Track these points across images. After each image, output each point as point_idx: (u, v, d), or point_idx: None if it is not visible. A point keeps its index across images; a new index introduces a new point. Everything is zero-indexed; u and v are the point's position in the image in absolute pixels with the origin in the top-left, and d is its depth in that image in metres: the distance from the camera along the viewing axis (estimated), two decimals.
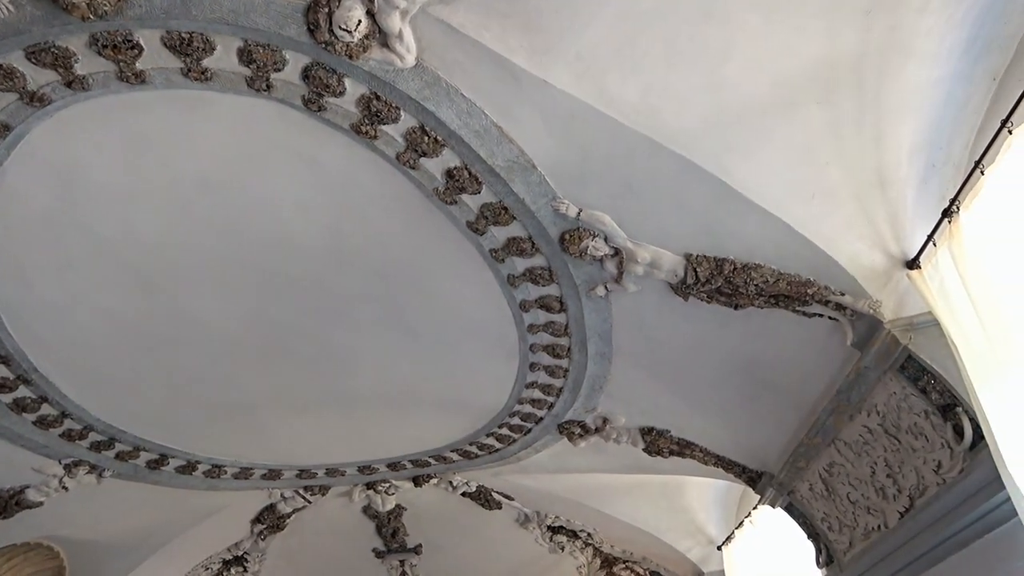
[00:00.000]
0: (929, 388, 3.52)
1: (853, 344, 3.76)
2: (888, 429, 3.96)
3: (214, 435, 5.93)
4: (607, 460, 6.35)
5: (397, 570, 8.87)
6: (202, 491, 6.70)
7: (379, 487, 7.38)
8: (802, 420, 4.60)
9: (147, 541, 7.37)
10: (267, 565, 8.51)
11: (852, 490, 4.57)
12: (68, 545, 7.16)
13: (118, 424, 5.44)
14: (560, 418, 5.76)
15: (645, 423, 5.64)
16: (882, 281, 3.50)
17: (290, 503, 7.43)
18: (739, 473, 5.66)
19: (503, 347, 4.95)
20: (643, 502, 7.60)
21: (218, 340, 4.77)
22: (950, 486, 3.62)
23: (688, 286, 3.83)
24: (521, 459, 6.64)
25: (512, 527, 8.29)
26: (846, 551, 4.91)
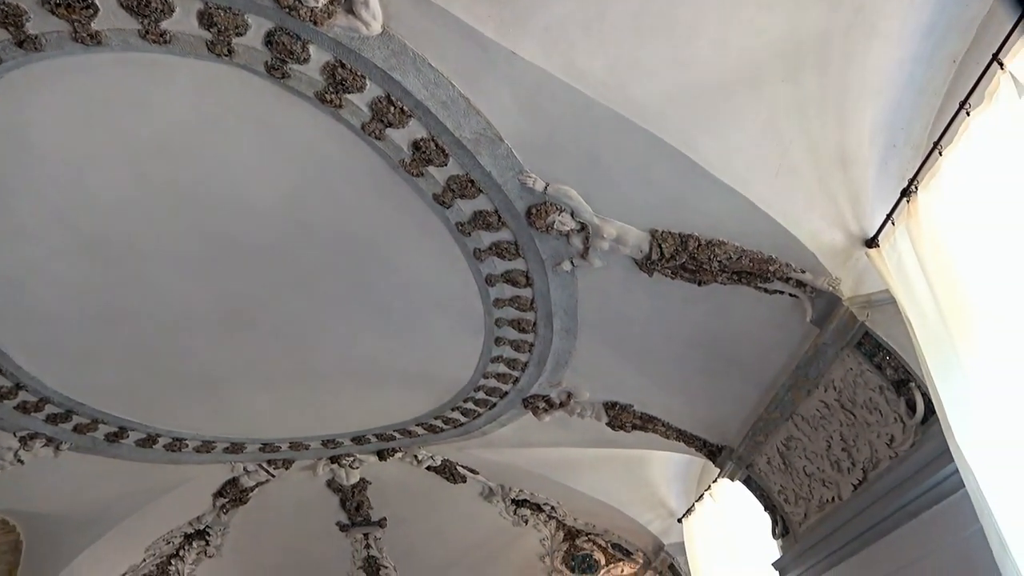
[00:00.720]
0: (884, 364, 3.61)
1: (812, 321, 3.83)
2: (844, 404, 4.06)
3: (175, 408, 5.84)
4: (571, 434, 6.42)
5: (361, 543, 8.89)
6: (163, 465, 6.62)
7: (343, 461, 7.37)
8: (762, 395, 4.69)
9: (107, 515, 7.28)
10: (230, 539, 8.47)
11: (808, 463, 4.69)
12: (25, 519, 7.05)
13: (75, 396, 5.34)
14: (525, 393, 5.79)
15: (609, 398, 5.70)
16: (842, 259, 3.57)
17: (253, 477, 7.39)
18: (700, 447, 5.76)
19: (469, 321, 4.94)
20: (606, 476, 7.71)
21: (177, 311, 4.68)
22: (902, 459, 3.73)
23: (653, 262, 3.86)
24: (486, 433, 6.67)
25: (476, 501, 8.35)
26: (801, 522, 5.04)
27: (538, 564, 9.42)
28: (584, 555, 9.38)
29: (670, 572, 8.52)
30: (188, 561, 8.68)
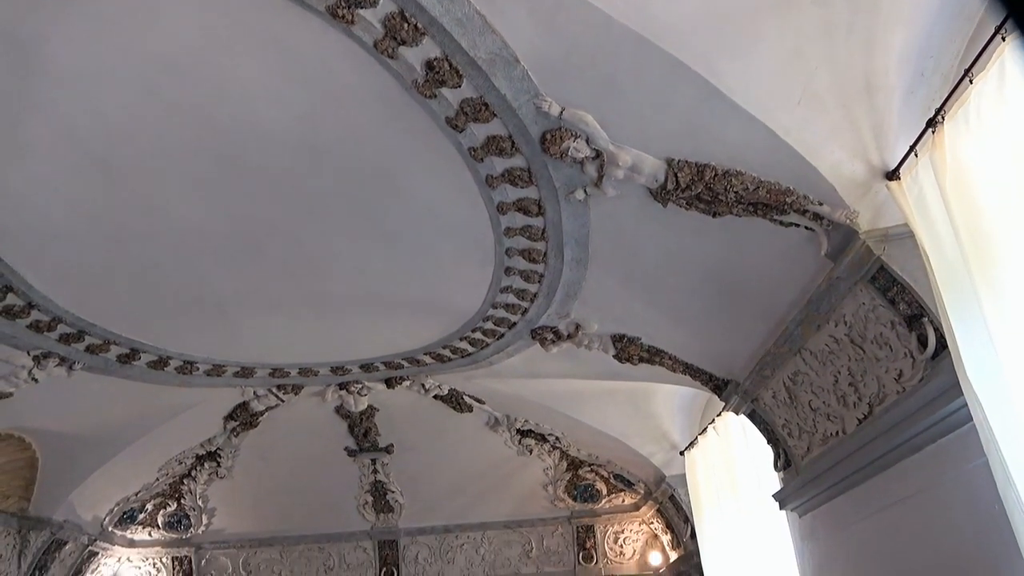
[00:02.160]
0: (897, 299, 3.59)
1: (827, 254, 3.79)
2: (854, 339, 4.05)
3: (185, 331, 5.90)
4: (578, 366, 6.47)
5: (369, 468, 9.10)
6: (174, 387, 6.72)
7: (352, 388, 7.47)
8: (771, 330, 4.69)
9: (119, 435, 7.44)
10: (240, 461, 8.69)
11: (814, 398, 4.72)
12: (40, 436, 7.20)
13: (87, 317, 5.38)
14: (533, 323, 5.81)
15: (617, 330, 5.72)
16: (861, 192, 3.50)
17: (263, 401, 7.51)
18: (706, 381, 5.80)
19: (479, 251, 4.92)
20: (611, 408, 7.81)
21: (187, 234, 4.66)
22: (909, 394, 3.74)
23: (668, 192, 3.80)
24: (493, 363, 6.73)
25: (482, 430, 8.50)
26: (804, 455, 5.11)
27: (541, 493, 9.66)
28: (586, 485, 9.60)
29: (670, 503, 8.71)
30: (200, 481, 8.93)
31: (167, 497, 9.12)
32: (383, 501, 9.51)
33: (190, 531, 9.55)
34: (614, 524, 9.97)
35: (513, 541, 9.95)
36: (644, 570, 9.86)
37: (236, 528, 9.70)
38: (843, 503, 4.70)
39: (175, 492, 9.08)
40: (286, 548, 9.88)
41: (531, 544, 9.95)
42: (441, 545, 9.95)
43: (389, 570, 9.85)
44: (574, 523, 9.91)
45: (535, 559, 9.93)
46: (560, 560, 9.94)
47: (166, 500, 9.15)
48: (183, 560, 9.75)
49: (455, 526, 9.90)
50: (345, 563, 9.92)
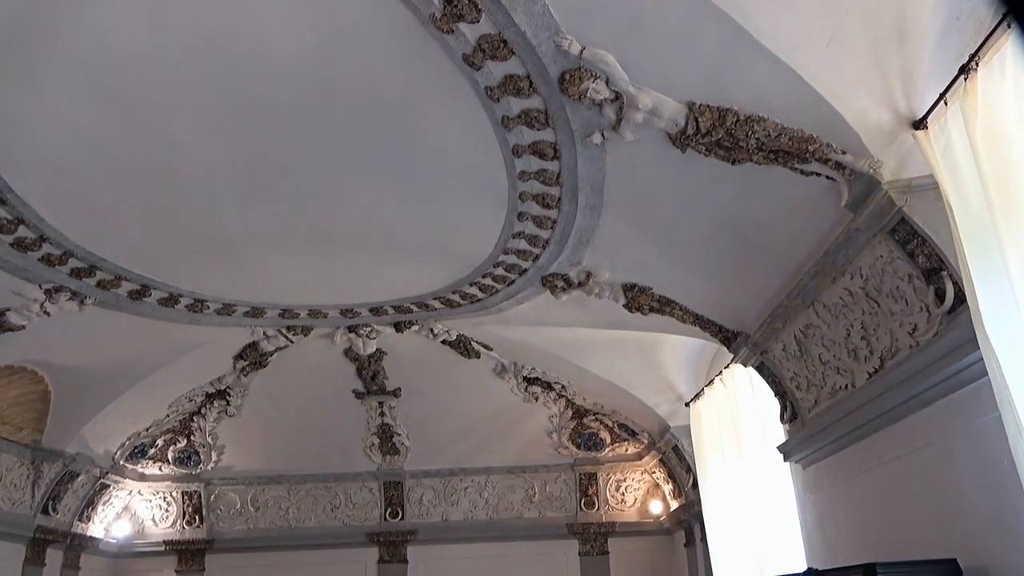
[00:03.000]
0: (917, 252, 3.54)
1: (847, 205, 3.73)
2: (869, 292, 4.02)
3: (196, 269, 5.89)
4: (587, 315, 6.46)
5: (376, 411, 9.19)
6: (185, 325, 6.75)
7: (360, 331, 7.49)
8: (785, 282, 4.65)
9: (130, 371, 7.52)
10: (249, 400, 8.78)
11: (825, 351, 4.70)
12: (52, 370, 7.28)
13: (98, 251, 5.37)
14: (544, 270, 5.78)
15: (628, 279, 5.69)
16: (886, 141, 3.42)
17: (272, 342, 7.55)
18: (715, 332, 5.79)
19: (492, 194, 4.86)
20: (618, 358, 7.82)
21: (199, 168, 4.61)
22: (922, 348, 3.72)
23: (688, 137, 3.72)
24: (502, 310, 6.72)
25: (489, 376, 8.54)
26: (811, 408, 5.12)
27: (545, 440, 9.76)
28: (590, 433, 9.69)
29: (673, 453, 8.80)
30: (209, 419, 9.05)
31: (177, 433, 9.26)
32: (389, 443, 9.64)
33: (199, 467, 9.73)
34: (616, 472, 10.10)
35: (516, 486, 10.11)
36: (644, 518, 10.03)
37: (244, 465, 9.87)
38: (848, 456, 4.72)
39: (185, 429, 9.22)
40: (293, 486, 10.06)
41: (534, 489, 10.11)
42: (445, 487, 10.11)
43: (394, 510, 10.04)
44: (577, 470, 10.04)
45: (537, 504, 10.10)
46: (562, 506, 10.11)
47: (176, 436, 9.29)
48: (193, 495, 9.96)
49: (460, 469, 10.04)
50: (351, 502, 10.11)
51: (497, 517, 10.09)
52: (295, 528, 10.09)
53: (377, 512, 10.10)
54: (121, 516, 9.83)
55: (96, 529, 9.31)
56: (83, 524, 9.03)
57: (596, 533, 9.99)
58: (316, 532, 10.06)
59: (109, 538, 9.61)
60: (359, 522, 10.08)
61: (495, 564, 9.84)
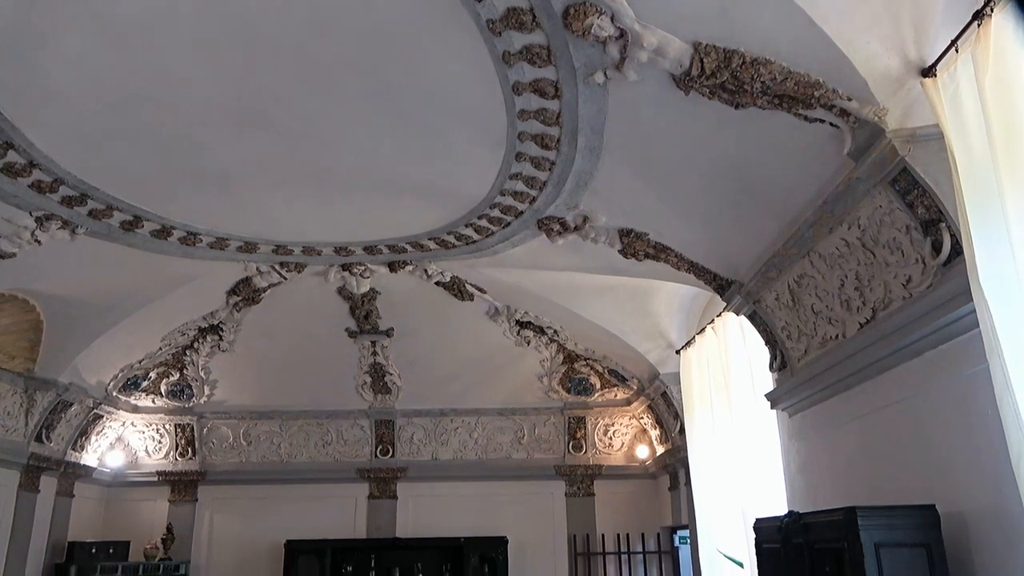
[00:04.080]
0: (916, 203, 3.52)
1: (849, 153, 3.69)
2: (866, 243, 4.01)
3: (189, 201, 5.82)
4: (582, 259, 6.45)
5: (368, 350, 9.24)
6: (177, 258, 6.70)
7: (354, 269, 7.47)
8: (782, 230, 4.63)
9: (123, 302, 7.51)
10: (242, 336, 8.81)
11: (817, 301, 4.72)
12: (44, 300, 7.27)
13: (89, 180, 5.29)
14: (541, 213, 5.75)
15: (625, 224, 5.66)
16: (893, 88, 3.36)
17: (266, 278, 7.53)
18: (710, 280, 5.79)
19: (490, 134, 4.78)
20: (611, 304, 7.85)
21: (193, 100, 4.51)
22: (915, 300, 3.74)
23: (692, 78, 3.65)
24: (497, 252, 6.70)
25: (482, 319, 8.57)
26: (800, 358, 5.16)
27: (536, 384, 9.86)
28: (581, 378, 9.79)
29: (662, 399, 8.91)
30: (202, 353, 9.09)
31: (170, 367, 9.30)
32: (381, 382, 9.72)
33: (192, 400, 9.82)
34: (605, 417, 10.25)
35: (506, 427, 10.25)
36: (631, 462, 10.22)
37: (237, 400, 9.96)
38: (835, 404, 4.79)
39: (178, 362, 9.26)
40: (285, 422, 10.18)
41: (523, 431, 10.26)
42: (436, 427, 10.25)
43: (385, 448, 10.20)
44: (566, 414, 10.18)
45: (526, 445, 10.27)
46: (551, 448, 10.28)
47: (169, 370, 9.34)
48: (185, 427, 10.07)
49: (450, 410, 10.16)
50: (342, 439, 10.25)
51: (486, 457, 10.27)
52: (287, 463, 10.25)
53: (368, 449, 10.25)
54: (115, 446, 9.95)
55: (90, 458, 9.43)
56: (76, 453, 9.14)
57: (583, 475, 10.20)
58: (307, 467, 10.23)
59: (103, 467, 9.75)
60: (350, 458, 10.24)
61: (483, 502, 10.05)
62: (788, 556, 4.22)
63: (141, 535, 9.64)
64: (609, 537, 9.92)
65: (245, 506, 10.12)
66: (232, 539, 9.97)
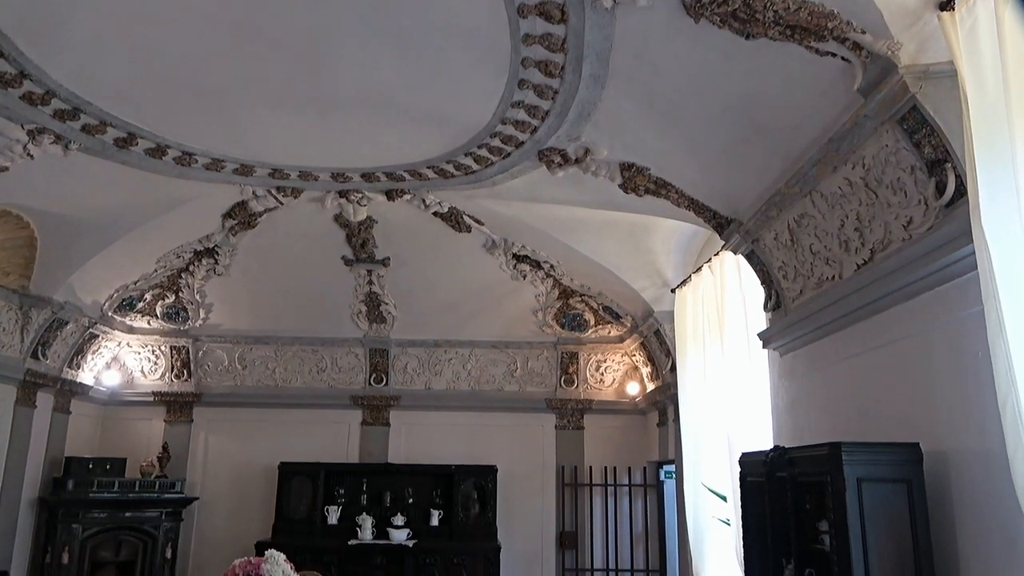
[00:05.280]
0: (924, 142, 3.47)
1: (859, 89, 3.61)
2: (869, 183, 3.97)
3: (184, 120, 5.72)
4: (581, 194, 6.40)
5: (364, 279, 9.24)
6: (172, 178, 6.62)
7: (351, 196, 7.40)
8: (785, 168, 4.58)
9: (117, 222, 7.45)
10: (238, 261, 8.78)
11: (816, 241, 4.70)
12: (38, 216, 7.22)
13: (82, 93, 5.17)
14: (542, 144, 5.67)
15: (626, 158, 5.60)
16: (908, 21, 3.27)
17: (262, 202, 7.45)
18: (709, 218, 5.76)
19: (493, 58, 4.67)
20: (609, 241, 7.83)
21: (190, 13, 4.38)
22: (915, 241, 3.72)
23: (703, 5, 3.54)
24: (496, 183, 6.63)
25: (479, 251, 8.55)
26: (795, 298, 5.18)
27: (530, 318, 9.91)
28: (575, 314, 9.84)
29: (655, 337, 8.97)
30: (197, 277, 9.08)
31: (165, 289, 9.30)
32: (376, 312, 9.76)
33: (188, 323, 9.86)
34: (597, 353, 10.34)
35: (499, 360, 10.35)
36: (621, 398, 10.37)
37: (232, 324, 10.01)
38: (826, 345, 4.82)
39: (173, 285, 9.26)
40: (280, 347, 10.25)
41: (516, 364, 10.36)
42: (430, 358, 10.34)
43: (379, 376, 10.30)
44: (559, 349, 10.27)
45: (518, 378, 10.38)
46: (543, 382, 10.40)
47: (164, 292, 9.35)
48: (181, 350, 10.14)
49: (444, 341, 10.23)
50: (337, 366, 10.35)
51: (479, 389, 10.40)
52: (281, 387, 10.37)
53: (362, 377, 10.36)
54: (111, 366, 10.03)
55: (86, 376, 9.52)
56: (73, 371, 9.22)
57: (573, 409, 10.35)
58: (302, 392, 10.35)
59: (99, 386, 9.85)
60: (344, 385, 10.36)
61: (474, 432, 10.23)
62: (771, 489, 4.31)
63: (137, 453, 9.81)
64: (597, 470, 10.13)
65: (240, 428, 10.28)
66: (227, 459, 10.17)
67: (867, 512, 3.46)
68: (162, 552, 9.28)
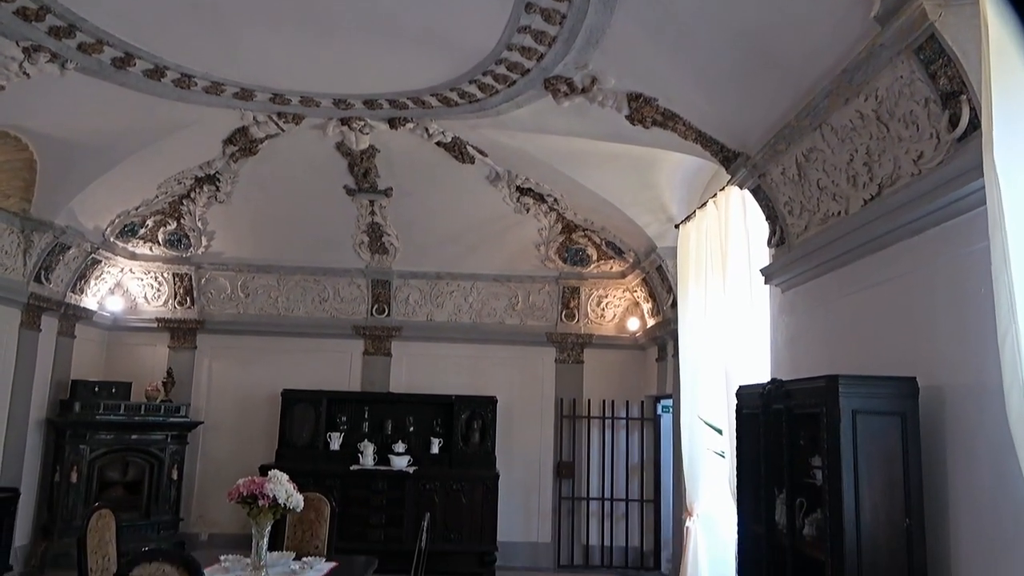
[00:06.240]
0: (939, 73, 3.38)
1: (876, 17, 3.50)
2: (881, 116, 3.89)
3: (182, 40, 5.58)
4: (587, 124, 6.29)
5: (367, 209, 9.19)
6: (172, 101, 6.51)
7: (354, 124, 7.29)
8: (796, 100, 4.48)
9: (117, 146, 7.38)
10: (239, 188, 8.73)
11: (823, 176, 4.64)
12: (36, 139, 7.14)
13: (76, 9, 5.04)
14: (548, 72, 5.55)
15: (634, 88, 5.48)
16: None
17: (263, 128, 7.35)
18: (716, 151, 5.68)
19: None
20: (613, 175, 7.75)
21: None
22: (924, 176, 3.67)
23: None
24: (501, 113, 6.52)
25: (482, 183, 8.47)
26: (800, 234, 5.14)
27: (533, 252, 9.89)
28: (578, 249, 9.82)
29: (657, 273, 8.97)
30: (199, 204, 9.05)
31: (167, 215, 9.27)
32: (379, 242, 9.74)
33: (190, 251, 9.86)
34: (599, 288, 10.36)
35: (500, 294, 10.38)
36: (621, 333, 10.44)
37: (234, 253, 10.01)
38: (828, 281, 4.82)
39: (175, 211, 9.22)
40: (283, 276, 10.28)
41: (517, 298, 10.40)
42: (432, 290, 10.37)
43: (381, 307, 10.36)
44: (561, 283, 10.29)
45: (520, 312, 10.44)
46: (544, 316, 10.45)
47: (166, 218, 9.31)
48: (183, 277, 10.17)
49: (446, 273, 10.25)
50: (339, 296, 10.39)
51: (480, 322, 10.46)
52: (284, 316, 10.44)
53: (364, 307, 10.42)
54: (114, 292, 10.08)
55: (89, 301, 9.58)
56: (76, 296, 9.26)
57: (573, 344, 10.44)
58: (304, 321, 10.43)
59: (103, 311, 9.91)
60: (346, 315, 10.43)
61: (474, 364, 10.34)
62: (767, 421, 4.38)
63: (142, 378, 9.94)
64: (595, 403, 10.28)
65: (243, 355, 10.40)
66: (230, 386, 10.31)
67: (860, 444, 3.51)
68: (168, 473, 9.51)
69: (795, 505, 4.03)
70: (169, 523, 9.48)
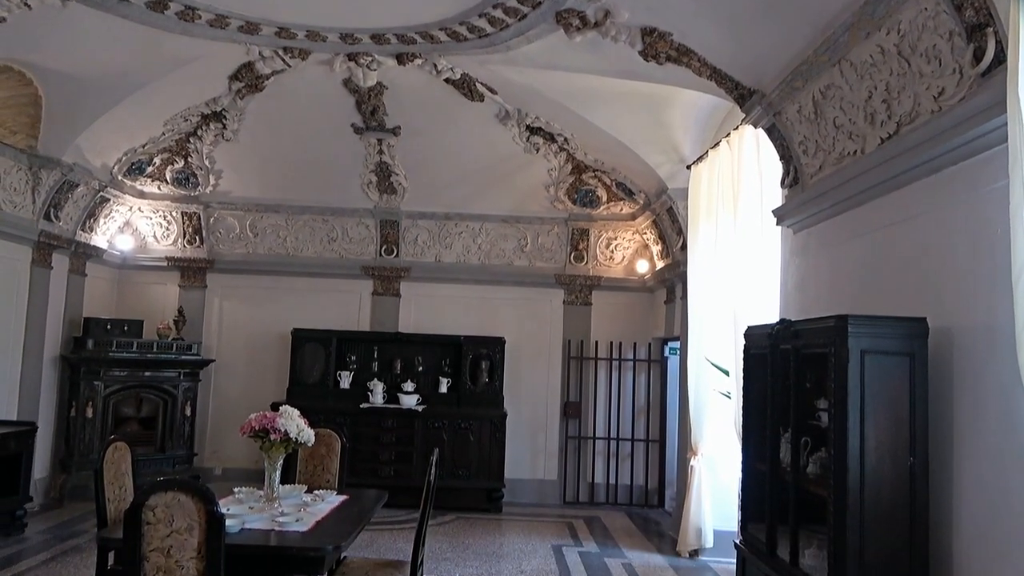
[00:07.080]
0: (965, 4, 3.25)
1: None
2: (903, 51, 3.78)
3: None
4: (599, 61, 6.15)
5: (375, 148, 9.10)
6: (176, 35, 6.38)
7: (361, 60, 7.15)
8: (815, 34, 4.35)
9: (122, 81, 7.29)
10: (246, 126, 8.63)
11: (840, 114, 4.54)
12: (41, 73, 7.06)
13: None
14: (560, 5, 5.40)
15: (648, 22, 5.33)
16: None
17: (269, 64, 7.23)
18: (731, 89, 5.55)
19: None
20: (625, 114, 7.62)
21: None
22: (944, 113, 3.57)
23: None
24: (511, 48, 6.37)
25: (491, 122, 8.34)
26: (814, 174, 5.06)
27: (542, 192, 9.81)
28: (587, 190, 9.74)
29: (667, 215, 8.90)
30: (206, 142, 8.97)
31: (174, 153, 9.20)
32: (387, 182, 9.67)
33: (198, 189, 9.82)
34: (608, 231, 10.30)
35: (509, 235, 10.34)
36: (630, 275, 10.42)
37: (242, 192, 9.97)
38: (841, 221, 4.76)
39: (182, 149, 9.15)
40: (291, 216, 10.26)
41: (526, 240, 10.36)
42: (440, 230, 10.34)
43: (389, 248, 10.35)
44: (570, 225, 10.23)
45: (528, 253, 10.41)
46: (552, 257, 10.43)
47: (173, 156, 9.25)
48: (192, 216, 10.17)
49: (455, 214, 10.20)
50: (348, 236, 10.38)
51: (488, 263, 10.45)
52: (292, 256, 10.45)
53: (373, 248, 10.41)
54: (123, 230, 10.10)
55: (99, 240, 9.60)
56: (86, 234, 9.28)
57: (582, 285, 10.44)
58: (313, 261, 10.44)
59: (113, 249, 9.95)
60: (355, 256, 10.43)
61: (482, 305, 10.38)
62: (774, 362, 4.38)
63: (153, 316, 10.03)
64: (603, 344, 10.33)
65: (253, 295, 10.46)
66: (241, 325, 10.41)
67: (867, 384, 3.51)
68: (182, 409, 9.68)
69: (800, 444, 4.06)
70: (184, 457, 9.69)
